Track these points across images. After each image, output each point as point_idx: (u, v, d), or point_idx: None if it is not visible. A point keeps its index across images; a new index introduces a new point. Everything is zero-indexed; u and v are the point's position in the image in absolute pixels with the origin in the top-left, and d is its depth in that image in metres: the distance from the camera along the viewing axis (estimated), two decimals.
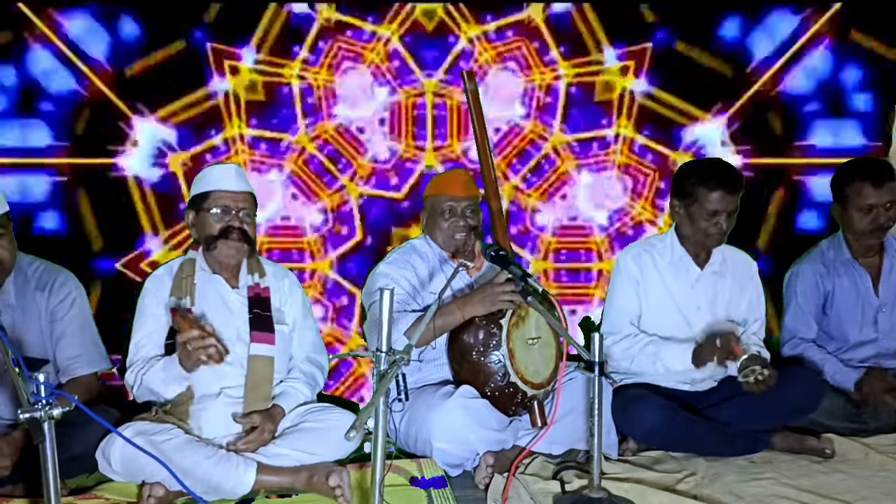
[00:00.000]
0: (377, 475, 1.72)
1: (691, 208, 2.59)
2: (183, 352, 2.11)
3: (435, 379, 2.55)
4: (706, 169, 2.60)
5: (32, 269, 2.37)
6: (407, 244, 2.72)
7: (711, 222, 2.55)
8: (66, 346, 2.37)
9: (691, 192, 2.58)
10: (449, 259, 2.64)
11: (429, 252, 2.66)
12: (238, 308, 2.39)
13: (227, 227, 2.34)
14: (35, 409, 1.48)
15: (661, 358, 2.56)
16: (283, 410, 2.35)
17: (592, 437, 2.12)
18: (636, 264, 2.70)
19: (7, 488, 2.12)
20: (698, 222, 2.58)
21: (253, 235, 2.40)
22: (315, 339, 2.59)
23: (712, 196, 2.52)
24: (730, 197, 2.53)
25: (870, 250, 2.85)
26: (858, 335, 2.84)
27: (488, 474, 2.28)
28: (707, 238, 2.61)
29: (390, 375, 1.67)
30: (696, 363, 2.50)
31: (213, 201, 2.35)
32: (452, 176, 2.71)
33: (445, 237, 2.62)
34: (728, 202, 2.53)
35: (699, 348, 2.50)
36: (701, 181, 2.55)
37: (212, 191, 2.35)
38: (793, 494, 2.23)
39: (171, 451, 2.04)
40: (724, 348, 2.42)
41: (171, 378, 2.20)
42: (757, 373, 2.39)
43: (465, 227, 2.59)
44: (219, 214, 2.34)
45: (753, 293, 2.76)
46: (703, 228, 2.58)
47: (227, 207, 2.35)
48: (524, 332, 2.42)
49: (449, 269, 2.60)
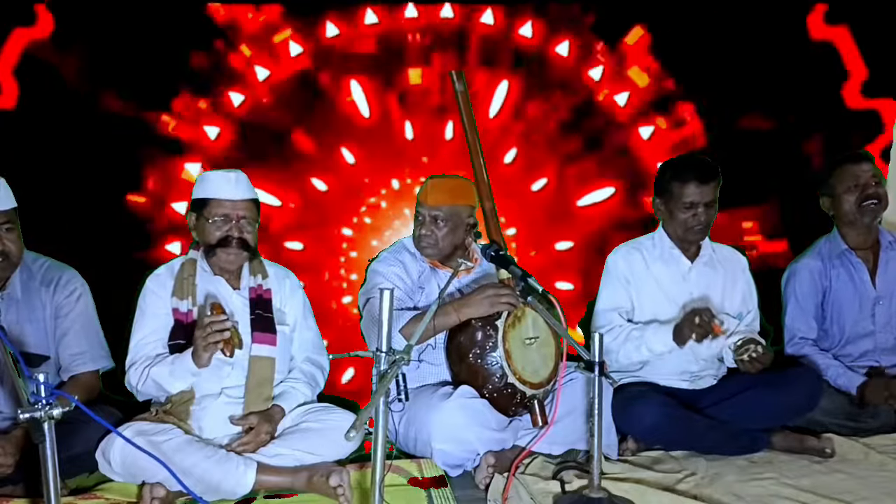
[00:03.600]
0: (377, 475, 1.72)
1: (670, 204, 2.65)
2: (199, 338, 2.12)
3: (434, 379, 2.55)
4: (679, 164, 2.69)
5: (38, 265, 2.38)
6: (398, 243, 2.72)
7: (689, 214, 2.61)
8: (69, 343, 2.38)
9: (668, 188, 2.65)
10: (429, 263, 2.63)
11: (417, 252, 2.66)
12: (240, 309, 2.39)
13: (226, 236, 2.33)
14: (35, 408, 1.48)
15: (646, 341, 2.57)
16: (283, 410, 2.35)
17: (592, 437, 2.12)
18: (625, 262, 2.72)
19: (7, 488, 2.12)
20: (677, 216, 2.63)
21: (253, 242, 2.39)
22: (315, 339, 2.59)
23: (686, 189, 2.59)
24: (704, 187, 2.58)
25: (865, 241, 2.87)
26: (856, 328, 2.86)
27: (489, 474, 2.28)
28: (688, 231, 2.64)
29: (390, 375, 1.67)
30: (676, 341, 2.50)
31: (211, 209, 2.33)
32: (431, 183, 2.61)
33: (416, 242, 2.62)
34: (703, 193, 2.59)
35: (679, 325, 2.50)
36: (675, 176, 2.63)
37: (211, 198, 2.34)
38: (793, 494, 2.23)
39: (171, 451, 2.04)
40: (703, 326, 2.42)
41: (178, 372, 2.20)
42: (751, 350, 2.43)
43: (429, 235, 2.55)
44: (218, 223, 2.33)
45: (746, 286, 2.79)
46: (683, 221, 2.63)
47: (226, 216, 2.33)
48: (521, 332, 2.42)
49: (435, 270, 2.60)
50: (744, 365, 2.48)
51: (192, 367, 2.17)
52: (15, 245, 2.26)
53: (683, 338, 2.47)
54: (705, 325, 2.41)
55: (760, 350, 2.46)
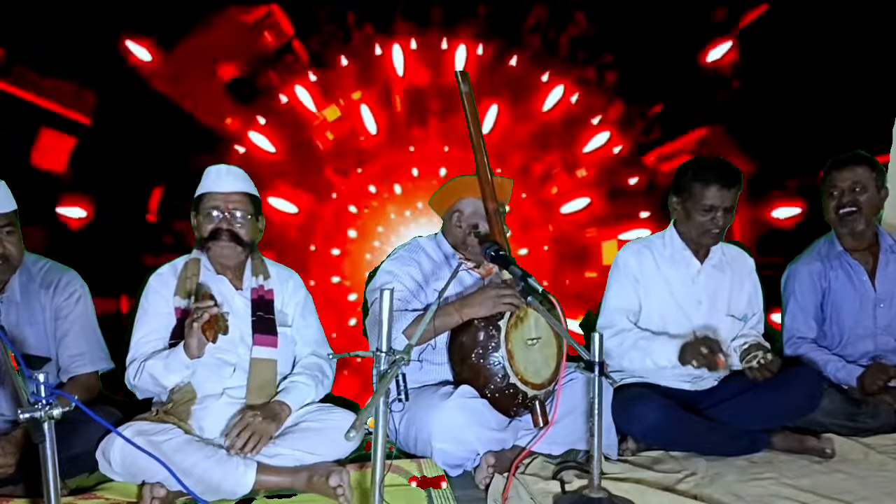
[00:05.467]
0: (377, 475, 1.72)
1: (687, 203, 2.61)
2: (187, 326, 2.13)
3: (435, 379, 2.55)
4: (702, 165, 2.62)
5: (38, 267, 2.39)
6: (413, 241, 2.72)
7: (707, 217, 2.57)
8: (69, 345, 2.38)
9: (687, 188, 2.60)
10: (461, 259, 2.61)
11: (434, 251, 2.66)
12: (241, 310, 2.39)
13: (217, 229, 2.34)
14: (35, 408, 1.49)
15: (651, 353, 2.55)
16: (290, 408, 2.32)
17: (592, 437, 2.12)
18: (636, 261, 2.70)
19: (7, 488, 2.12)
20: (695, 218, 2.59)
21: (248, 237, 2.39)
22: (318, 336, 2.58)
23: (708, 191, 2.54)
24: (726, 192, 2.54)
25: (860, 243, 2.86)
26: (857, 329, 2.85)
27: (489, 474, 2.28)
28: (704, 235, 2.61)
29: (390, 375, 1.67)
30: (680, 360, 2.49)
31: (205, 203, 2.36)
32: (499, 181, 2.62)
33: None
34: (724, 198, 2.55)
35: (686, 347, 2.48)
36: (697, 176, 2.57)
37: (206, 193, 2.37)
38: (793, 494, 2.23)
39: (171, 451, 2.04)
40: (708, 359, 2.41)
41: (173, 365, 2.20)
42: (759, 357, 2.42)
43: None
44: (210, 216, 2.35)
45: (752, 288, 2.78)
46: (699, 224, 2.59)
47: (217, 209, 2.35)
48: (523, 332, 2.42)
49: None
50: (752, 372, 2.47)
51: (186, 360, 2.17)
52: (15, 248, 2.26)
53: (686, 361, 2.46)
54: (709, 359, 2.40)
55: (769, 357, 2.45)
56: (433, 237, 2.72)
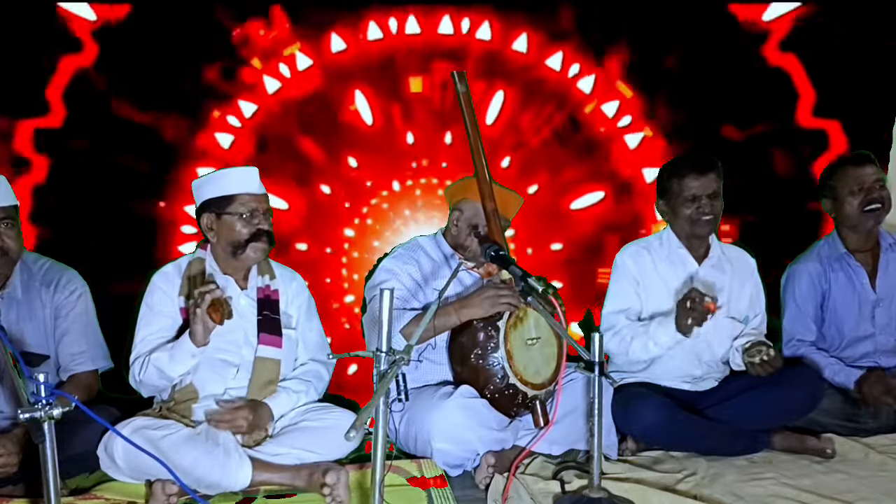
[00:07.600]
0: (377, 475, 1.72)
1: (672, 202, 2.64)
2: (191, 312, 2.14)
3: (435, 379, 2.55)
4: (675, 161, 2.70)
5: (38, 265, 2.39)
6: (413, 240, 2.72)
7: (693, 208, 2.59)
8: (69, 343, 2.38)
9: (668, 187, 2.65)
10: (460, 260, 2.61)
11: (434, 251, 2.66)
12: (247, 310, 2.39)
13: (258, 230, 2.34)
14: (35, 408, 1.49)
15: (652, 336, 2.53)
16: (271, 412, 2.31)
17: (592, 437, 2.12)
18: (634, 262, 2.70)
19: (7, 488, 2.13)
20: (681, 212, 2.62)
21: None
22: (319, 340, 2.58)
23: (685, 183, 2.58)
24: (703, 178, 2.57)
25: (866, 243, 2.86)
26: (856, 330, 2.84)
27: (489, 474, 2.28)
28: (695, 225, 2.61)
29: (390, 375, 1.67)
30: (681, 332, 2.44)
31: (238, 205, 2.34)
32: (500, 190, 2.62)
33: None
34: (703, 184, 2.57)
35: (676, 317, 2.44)
36: (673, 173, 2.63)
37: (236, 194, 2.34)
38: (793, 494, 2.22)
39: (169, 447, 2.04)
40: (695, 308, 2.38)
41: (179, 355, 2.20)
42: (763, 353, 2.42)
43: None
44: (247, 218, 2.34)
45: (753, 289, 2.77)
46: (687, 216, 2.61)
47: (254, 211, 2.35)
48: (523, 332, 2.42)
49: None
50: (755, 368, 2.47)
51: (192, 348, 2.17)
52: (14, 242, 2.26)
53: (685, 328, 2.42)
54: (698, 307, 2.37)
55: (773, 353, 2.44)
56: (433, 237, 2.72)
